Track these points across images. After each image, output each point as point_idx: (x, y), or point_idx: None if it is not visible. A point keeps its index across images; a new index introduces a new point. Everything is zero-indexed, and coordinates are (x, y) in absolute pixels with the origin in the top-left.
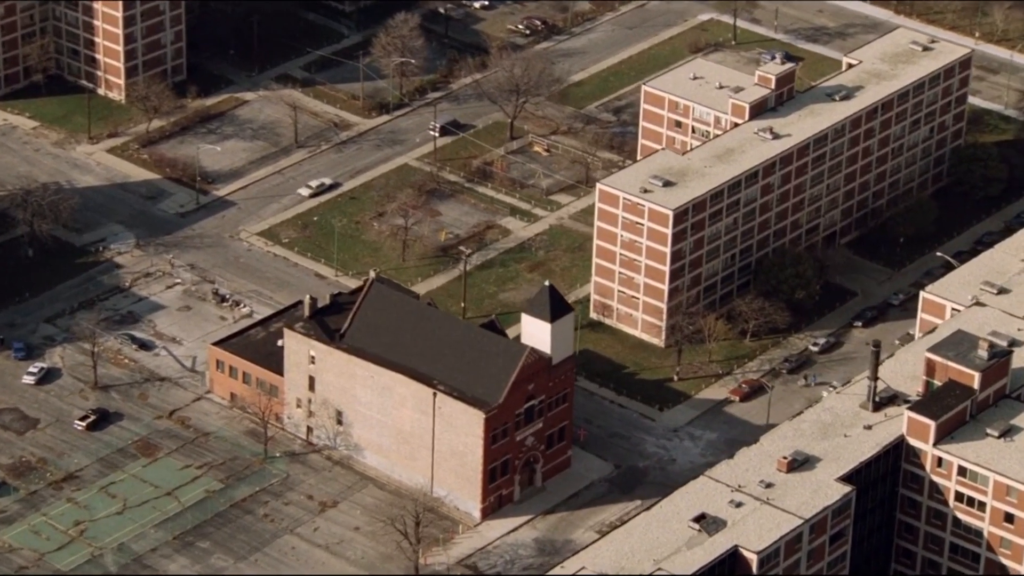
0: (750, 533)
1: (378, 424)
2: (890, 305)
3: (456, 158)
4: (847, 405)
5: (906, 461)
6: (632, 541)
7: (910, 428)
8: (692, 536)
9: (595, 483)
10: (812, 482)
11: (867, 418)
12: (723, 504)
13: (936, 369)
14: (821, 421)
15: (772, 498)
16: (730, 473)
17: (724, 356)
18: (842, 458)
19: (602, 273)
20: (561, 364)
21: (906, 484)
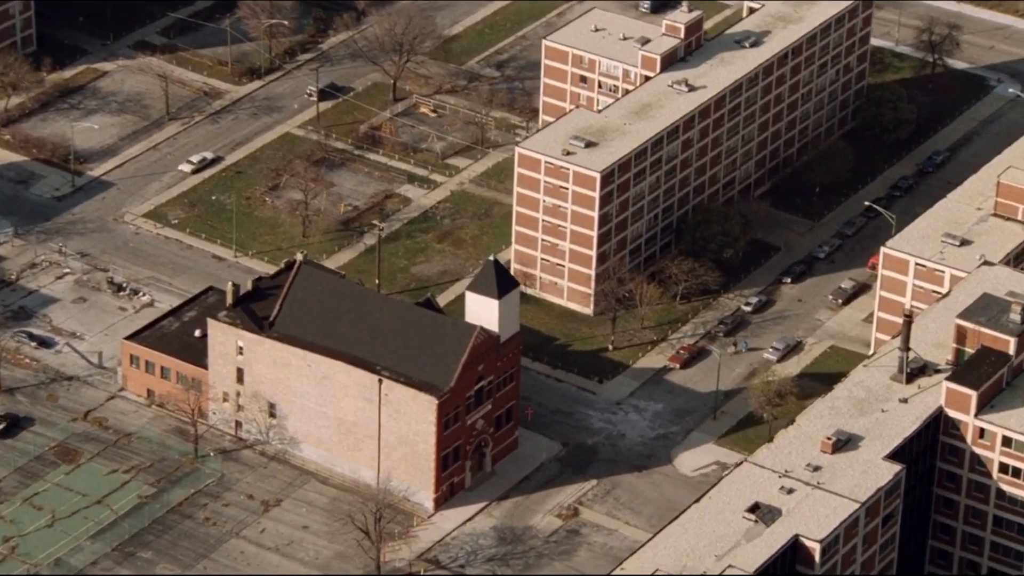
0: (808, 521)
1: (317, 415)
2: (816, 258)
3: (340, 124)
4: (878, 378)
5: (944, 434)
6: (688, 537)
7: (949, 399)
8: (749, 528)
9: (545, 464)
10: (860, 462)
11: (901, 391)
12: (773, 491)
13: (967, 336)
14: (854, 397)
15: (822, 482)
16: (773, 458)
17: (656, 322)
18: (884, 435)
19: (523, 241)
20: (508, 342)
21: (944, 457)
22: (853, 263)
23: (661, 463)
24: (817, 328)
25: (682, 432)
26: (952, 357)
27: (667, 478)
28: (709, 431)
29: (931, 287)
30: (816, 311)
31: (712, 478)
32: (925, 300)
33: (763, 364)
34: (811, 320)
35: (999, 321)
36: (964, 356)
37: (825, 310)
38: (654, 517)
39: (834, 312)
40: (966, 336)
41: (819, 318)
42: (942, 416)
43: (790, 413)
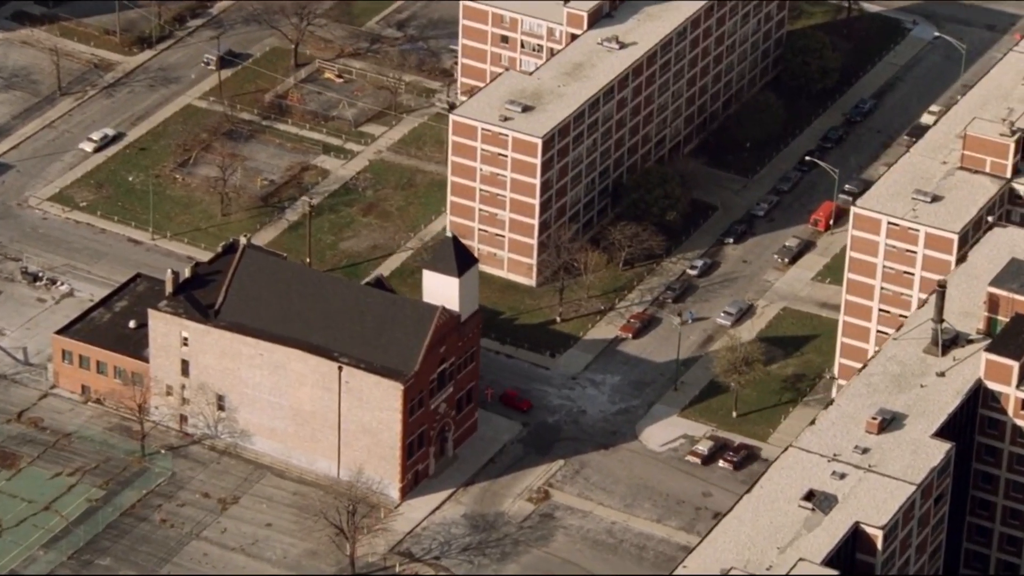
0: (866, 506)
1: (270, 406)
2: (755, 216)
3: (243, 93)
4: (910, 351)
5: (983, 407)
6: (746, 529)
7: (988, 371)
8: (807, 516)
9: (508, 446)
10: (908, 442)
11: (936, 364)
12: (825, 477)
13: (1000, 304)
14: (890, 373)
15: (874, 464)
16: (818, 441)
17: (602, 290)
18: (928, 412)
19: (459, 212)
20: (469, 321)
21: (983, 431)
22: (794, 220)
23: (627, 439)
24: (767, 290)
25: (644, 405)
26: (984, 326)
27: (635, 455)
28: (672, 403)
29: (905, 246)
30: (763, 272)
31: (681, 452)
32: (898, 260)
33: (717, 330)
34: (759, 282)
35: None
36: (997, 325)
37: (772, 270)
38: (628, 496)
39: (781, 272)
40: (999, 304)
41: (767, 279)
42: (981, 388)
43: (757, 381)
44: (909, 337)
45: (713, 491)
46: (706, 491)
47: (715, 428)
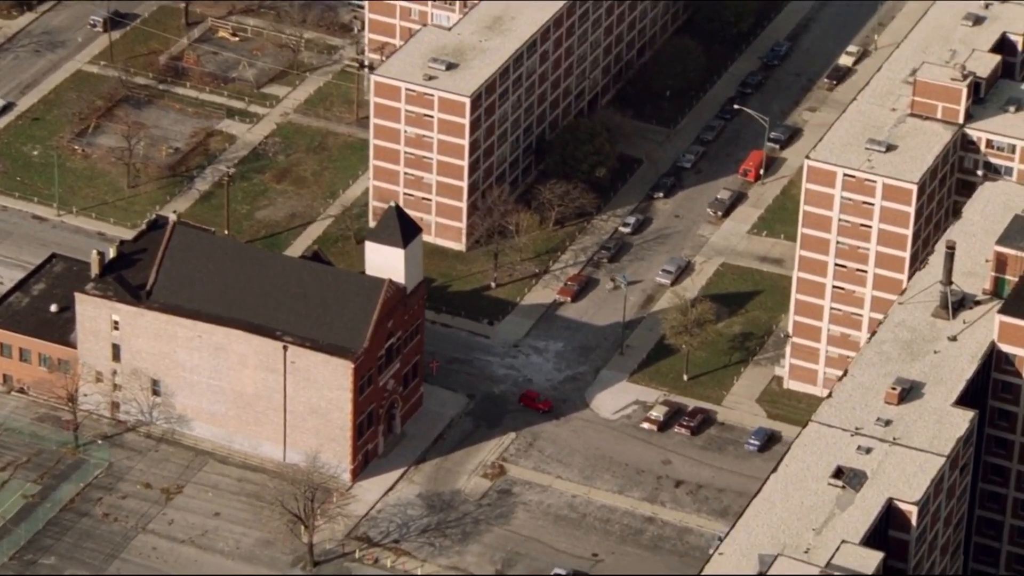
0: (897, 481)
1: (210, 390)
2: (682, 168)
3: (136, 56)
4: (918, 316)
5: (996, 370)
6: (777, 511)
7: (1002, 333)
8: (838, 495)
9: (456, 420)
10: (930, 411)
11: (946, 328)
12: (851, 452)
13: (1008, 263)
14: (900, 339)
15: (898, 437)
16: (838, 414)
17: (535, 252)
18: (945, 379)
19: (383, 176)
20: (414, 293)
21: (997, 395)
22: (722, 170)
23: (578, 408)
24: (703, 245)
25: (591, 371)
26: (990, 286)
27: (588, 424)
28: (619, 368)
29: (861, 198)
30: (697, 226)
31: (635, 419)
32: (854, 213)
33: (657, 290)
34: (694, 237)
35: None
36: (1004, 285)
37: (706, 224)
38: (586, 468)
39: (716, 226)
40: (1006, 263)
41: (702, 234)
42: (994, 351)
43: (709, 344)
44: (915, 301)
45: (672, 458)
46: (665, 459)
47: (667, 392)
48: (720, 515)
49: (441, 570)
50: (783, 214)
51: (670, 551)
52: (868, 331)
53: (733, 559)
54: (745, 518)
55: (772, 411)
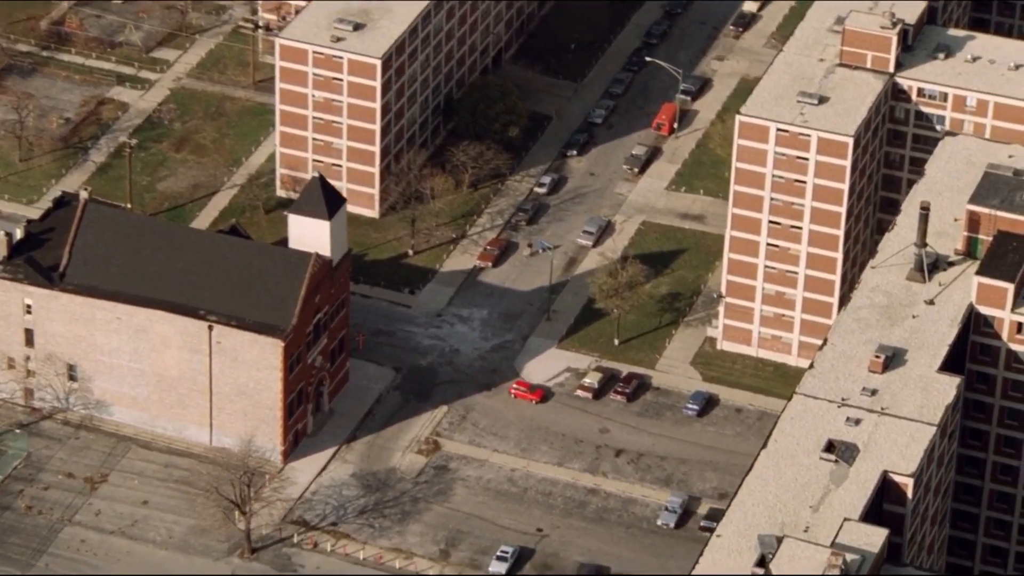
0: (890, 453)
1: (130, 373)
2: (594, 124)
3: (15, 22)
4: (893, 279)
5: (975, 332)
6: (771, 488)
7: (980, 295)
8: (832, 469)
9: (384, 395)
10: (915, 379)
11: (922, 291)
12: (839, 424)
13: (981, 222)
14: (877, 305)
15: (886, 407)
16: (822, 385)
17: (450, 216)
18: (926, 344)
19: (290, 142)
20: (339, 265)
21: (975, 358)
22: (635, 125)
23: (508, 377)
24: (621, 203)
25: (519, 339)
26: (963, 246)
27: None
28: (547, 334)
29: (796, 153)
30: (613, 184)
31: (568, 387)
32: (788, 168)
33: (579, 251)
34: (612, 195)
35: (1014, 202)
36: (977, 245)
37: (623, 182)
38: (522, 440)
39: (633, 183)
40: (979, 222)
41: (619, 192)
42: (972, 314)
43: (641, 307)
44: (887, 264)
45: (610, 427)
46: (603, 427)
47: (598, 358)
48: (664, 483)
49: (383, 552)
50: (700, 169)
51: (616, 523)
52: (803, 289)
53: (732, 540)
54: (740, 497)
55: (707, 374)
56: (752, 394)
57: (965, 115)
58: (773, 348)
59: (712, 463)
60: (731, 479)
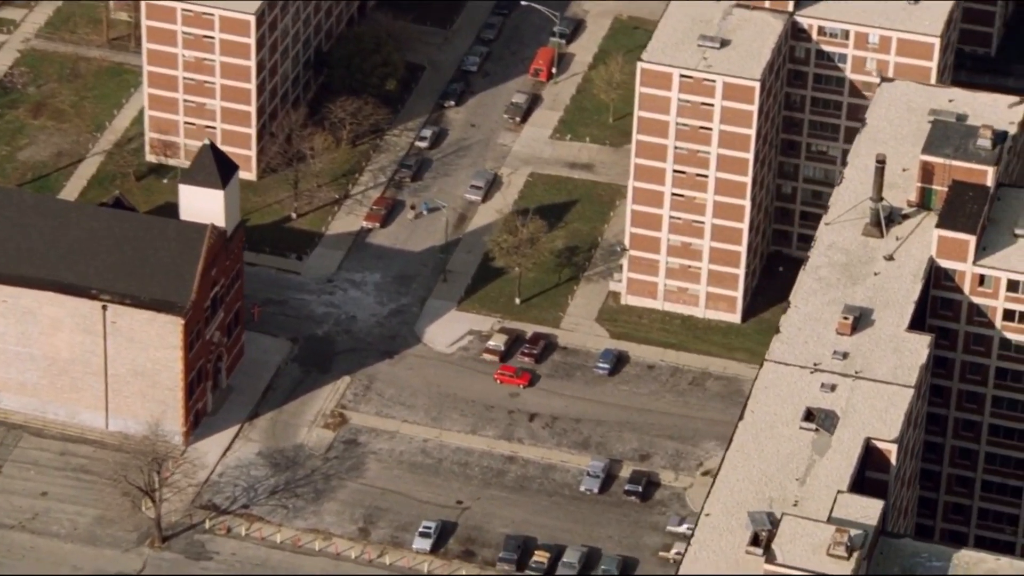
0: (871, 419)
1: (18, 358)
2: (468, 72)
3: None
4: (849, 235)
5: (935, 287)
6: (754, 462)
7: (941, 248)
8: (813, 439)
9: (283, 368)
10: (885, 339)
11: (880, 247)
12: (814, 391)
13: (935, 172)
14: (836, 263)
15: (860, 370)
16: (792, 351)
17: (331, 176)
18: (892, 302)
19: (159, 105)
20: (234, 236)
21: (936, 312)
22: (511, 71)
23: (410, 343)
24: (506, 155)
25: (416, 302)
26: (916, 197)
27: (425, 360)
28: (445, 296)
29: (700, 99)
30: (496, 134)
31: (473, 351)
32: (693, 115)
33: (468, 207)
34: (495, 147)
35: (968, 150)
36: (931, 195)
37: (505, 132)
38: (431, 408)
39: (515, 132)
40: (933, 172)
41: (503, 143)
42: (933, 268)
43: (542, 264)
44: (841, 220)
45: (520, 390)
46: (513, 392)
47: (501, 319)
48: (582, 447)
49: (300, 533)
50: (584, 115)
51: (538, 491)
52: (710, 238)
53: (721, 519)
54: (723, 473)
55: (615, 330)
56: (662, 349)
57: (868, 52)
58: (679, 300)
59: (629, 423)
60: (650, 439)
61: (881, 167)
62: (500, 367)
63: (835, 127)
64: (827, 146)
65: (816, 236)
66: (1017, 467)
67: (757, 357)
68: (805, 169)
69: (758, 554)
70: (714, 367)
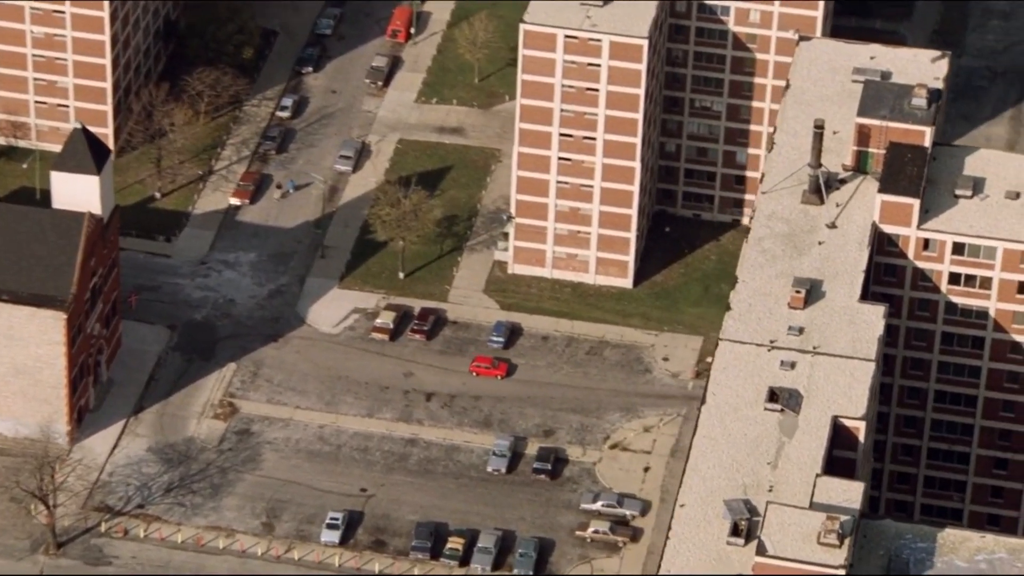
0: (836, 396)
1: None
2: (323, 36)
3: None
4: (787, 204)
5: (879, 253)
6: (722, 448)
7: (884, 214)
8: (780, 419)
9: (163, 358)
10: (839, 312)
11: (821, 215)
12: (774, 369)
13: (872, 135)
14: (779, 233)
15: (818, 345)
16: (745, 328)
17: (193, 152)
18: (840, 272)
19: (7, 84)
20: (110, 222)
21: (879, 279)
22: (368, 34)
23: (294, 325)
24: (372, 122)
25: (295, 281)
26: (852, 161)
27: (311, 342)
28: (325, 274)
29: (586, 60)
30: (359, 101)
31: (360, 330)
32: (579, 77)
33: (339, 179)
34: (359, 113)
35: (903, 111)
36: (867, 159)
37: (368, 97)
38: (324, 392)
39: (378, 98)
40: (870, 135)
41: (367, 109)
42: (876, 234)
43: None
44: (778, 189)
45: (414, 369)
46: (406, 371)
47: (386, 295)
48: (484, 426)
49: (202, 532)
50: (448, 76)
51: (443, 474)
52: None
53: (697, 510)
54: (692, 461)
55: (504, 301)
56: (555, 319)
57: (751, 3)
58: (569, 267)
59: (529, 398)
60: (552, 414)
61: (820, 133)
62: (476, 358)
63: (719, 81)
64: (711, 101)
65: (755, 206)
66: (964, 433)
67: (653, 323)
68: (689, 125)
69: (740, 544)
70: (610, 335)
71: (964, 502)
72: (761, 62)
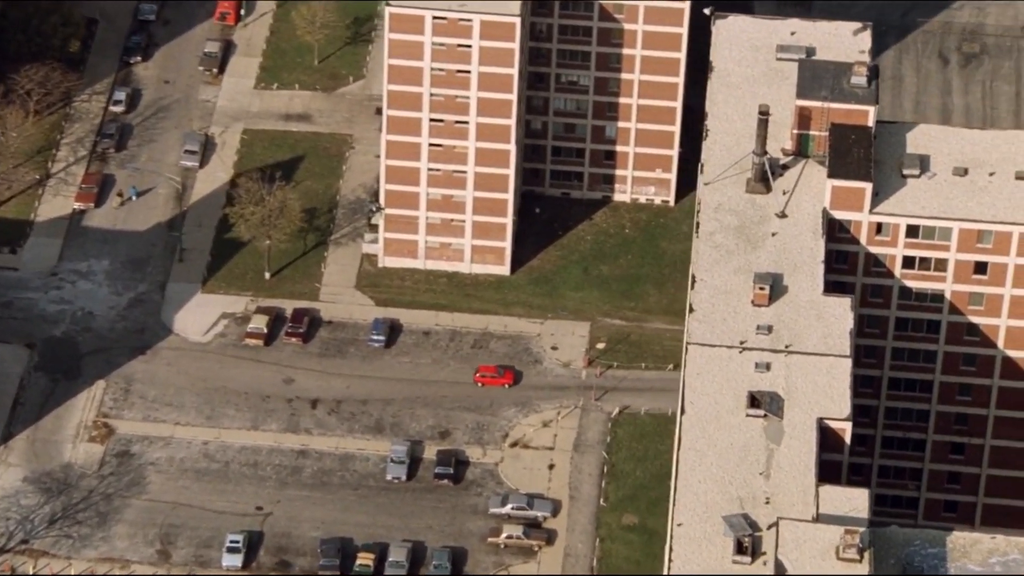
0: (818, 397)
1: None
2: (147, 23)
3: None
4: (732, 193)
5: (831, 240)
6: (710, 460)
7: (835, 199)
8: (764, 425)
9: (26, 378)
10: (805, 306)
11: (769, 203)
12: (749, 372)
13: (812, 117)
14: (729, 226)
15: (791, 344)
16: (712, 330)
17: (24, 156)
18: (800, 264)
19: None
20: None
21: (831, 267)
22: (195, 17)
23: (161, 335)
24: (212, 112)
25: (155, 288)
26: (792, 145)
27: (181, 352)
28: (186, 278)
29: (456, 41)
30: (195, 90)
31: (231, 337)
32: (449, 59)
33: (187, 175)
34: (197, 104)
35: (844, 90)
36: (808, 142)
37: (204, 87)
38: (202, 406)
39: (215, 86)
40: (810, 118)
41: (205, 99)
42: (827, 220)
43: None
44: (720, 179)
45: (294, 375)
46: (287, 377)
47: (253, 297)
48: (376, 431)
49: (94, 564)
50: (284, 59)
51: (340, 485)
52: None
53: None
54: (682, 476)
55: (379, 297)
56: (434, 312)
57: None
58: (443, 257)
59: (420, 398)
60: (445, 413)
61: (764, 120)
62: (479, 368)
63: (586, 55)
64: (578, 75)
65: (699, 199)
66: (919, 420)
67: (536, 310)
68: (555, 102)
69: (747, 562)
70: (493, 326)
71: (920, 490)
72: (629, 32)
